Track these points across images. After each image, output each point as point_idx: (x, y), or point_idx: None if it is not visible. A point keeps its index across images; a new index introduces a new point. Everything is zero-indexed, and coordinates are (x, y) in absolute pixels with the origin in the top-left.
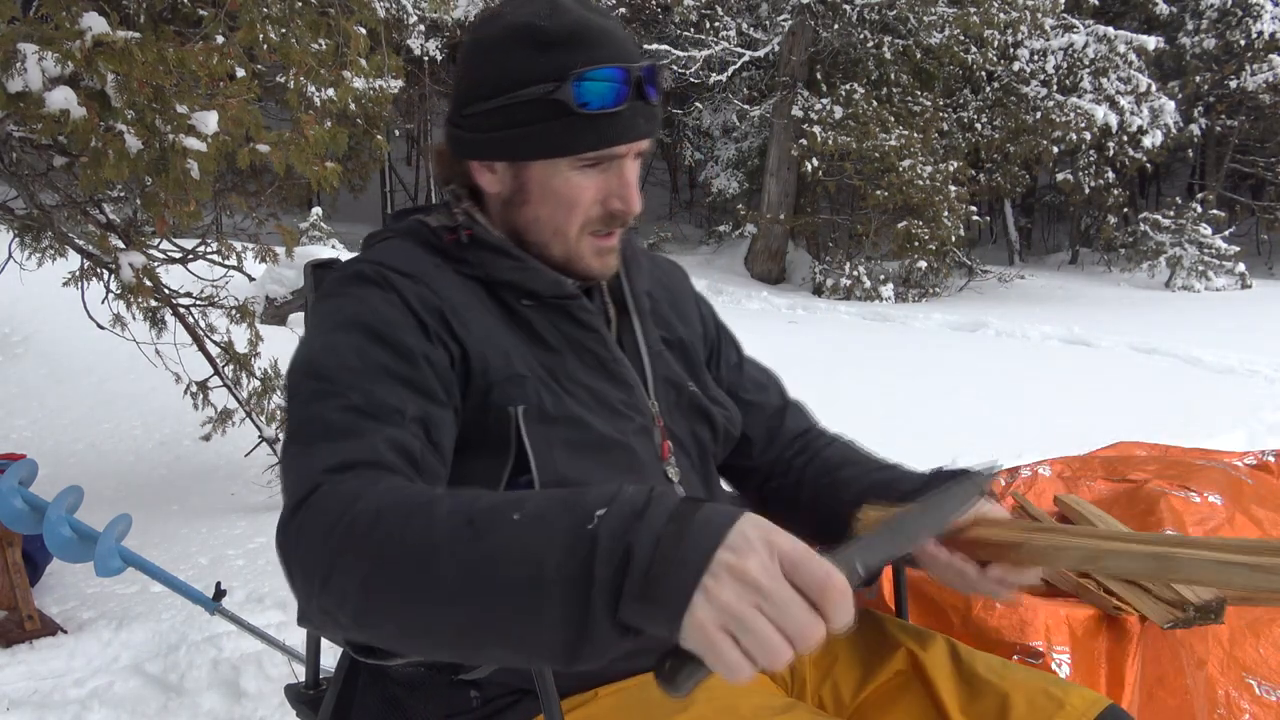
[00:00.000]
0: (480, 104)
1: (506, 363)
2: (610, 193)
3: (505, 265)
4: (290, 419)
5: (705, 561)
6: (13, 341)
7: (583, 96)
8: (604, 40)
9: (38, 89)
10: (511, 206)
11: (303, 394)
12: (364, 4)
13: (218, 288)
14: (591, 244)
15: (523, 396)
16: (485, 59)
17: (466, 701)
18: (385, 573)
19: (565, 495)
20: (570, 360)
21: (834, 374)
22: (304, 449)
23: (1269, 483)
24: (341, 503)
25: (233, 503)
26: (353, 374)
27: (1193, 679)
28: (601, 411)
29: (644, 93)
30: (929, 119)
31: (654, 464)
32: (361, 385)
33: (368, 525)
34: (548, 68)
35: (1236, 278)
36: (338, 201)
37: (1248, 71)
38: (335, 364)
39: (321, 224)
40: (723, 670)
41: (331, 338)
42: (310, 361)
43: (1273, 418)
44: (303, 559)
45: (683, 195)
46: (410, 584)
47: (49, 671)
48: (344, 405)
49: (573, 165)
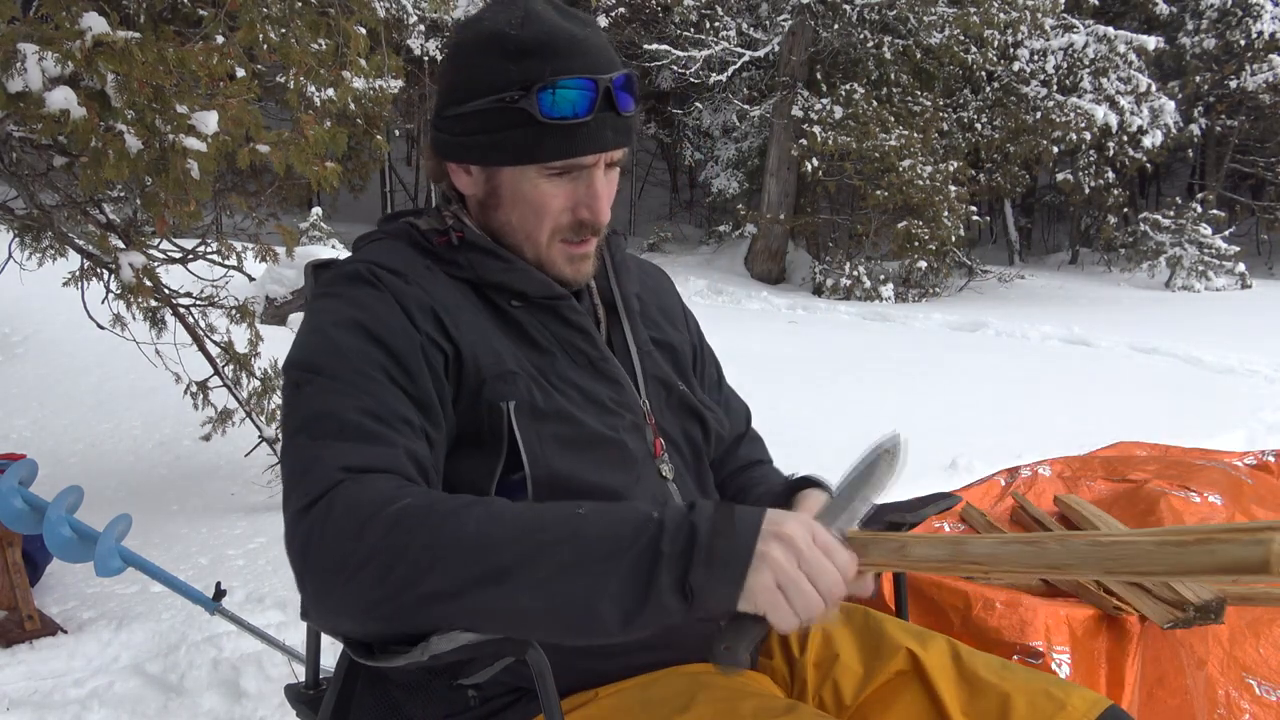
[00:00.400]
0: (456, 107)
1: (497, 360)
2: (579, 201)
3: (495, 267)
4: (293, 411)
5: (757, 530)
6: (13, 341)
7: (548, 107)
8: (574, 50)
9: (38, 89)
10: (486, 209)
11: (307, 389)
12: (364, 4)
13: (218, 288)
14: (563, 251)
15: (514, 392)
16: (461, 63)
17: (465, 701)
18: (444, 561)
19: (618, 504)
20: (560, 360)
21: (834, 374)
22: (316, 443)
23: (1269, 483)
24: (375, 501)
25: (233, 503)
26: (359, 376)
27: (1193, 679)
28: (591, 409)
29: (614, 103)
30: (929, 119)
31: (647, 461)
32: (371, 390)
33: (418, 518)
34: (516, 76)
35: (1236, 278)
36: (338, 201)
37: (1248, 71)
38: (339, 363)
39: (321, 224)
40: (780, 622)
41: (332, 335)
42: (313, 357)
43: (1273, 418)
44: (327, 552)
45: (683, 195)
46: (471, 572)
47: (49, 671)
48: (358, 408)
49: (540, 173)
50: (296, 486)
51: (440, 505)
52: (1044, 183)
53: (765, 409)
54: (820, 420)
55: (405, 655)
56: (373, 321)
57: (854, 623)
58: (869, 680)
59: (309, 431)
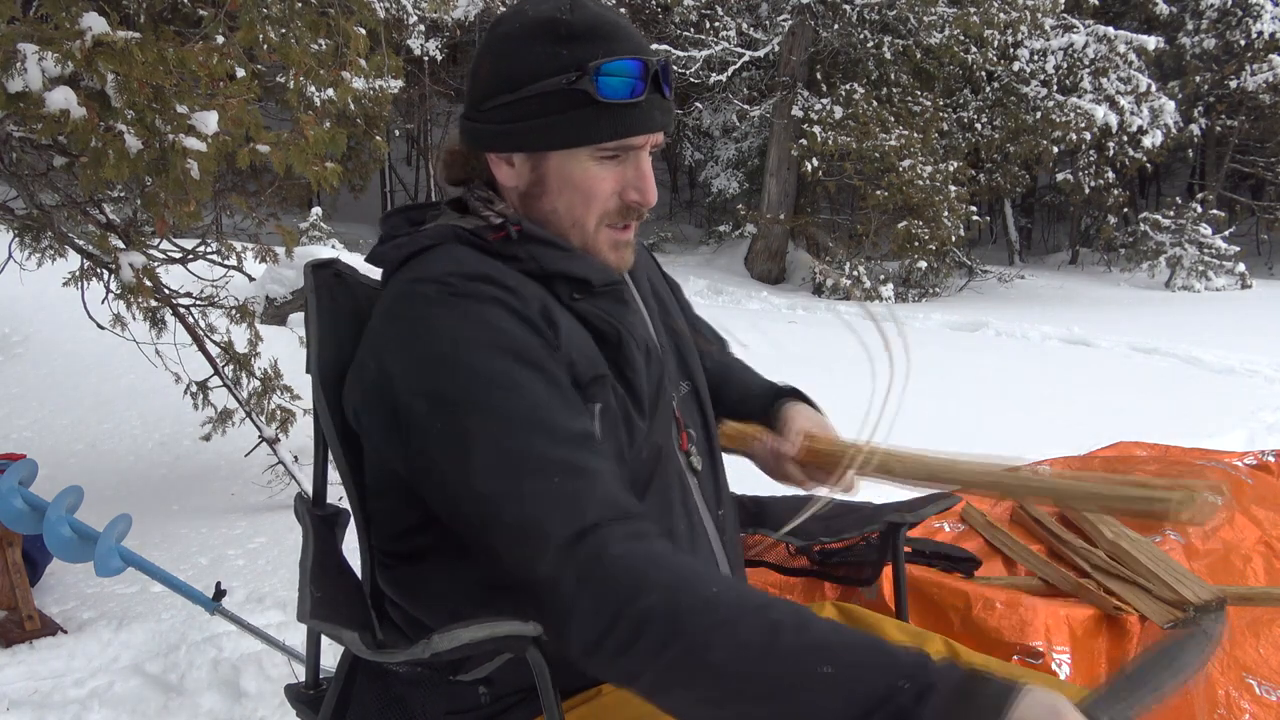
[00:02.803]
0: (502, 96)
1: (592, 364)
2: (627, 184)
3: (555, 256)
4: (478, 452)
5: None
6: (13, 341)
7: (604, 87)
8: (622, 35)
9: (38, 89)
10: (529, 199)
11: (477, 429)
12: (364, 4)
13: (218, 288)
14: (609, 236)
15: (602, 395)
16: (507, 53)
17: (472, 699)
18: (700, 682)
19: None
20: (628, 343)
21: (833, 374)
22: (535, 484)
23: (1269, 483)
24: (630, 576)
25: (233, 503)
26: (531, 406)
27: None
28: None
29: (660, 86)
30: (929, 119)
31: (671, 456)
32: (547, 418)
33: (667, 626)
34: (569, 59)
35: (1236, 278)
36: (338, 201)
37: (1248, 71)
38: (499, 395)
39: (321, 224)
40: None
41: (472, 362)
42: (464, 391)
43: (1273, 418)
44: (590, 610)
45: (683, 195)
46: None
47: (49, 671)
48: (553, 440)
49: (592, 156)
50: (533, 534)
51: (687, 616)
52: (1044, 183)
53: None
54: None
55: (407, 652)
56: (510, 343)
57: (853, 623)
58: None
59: (520, 473)
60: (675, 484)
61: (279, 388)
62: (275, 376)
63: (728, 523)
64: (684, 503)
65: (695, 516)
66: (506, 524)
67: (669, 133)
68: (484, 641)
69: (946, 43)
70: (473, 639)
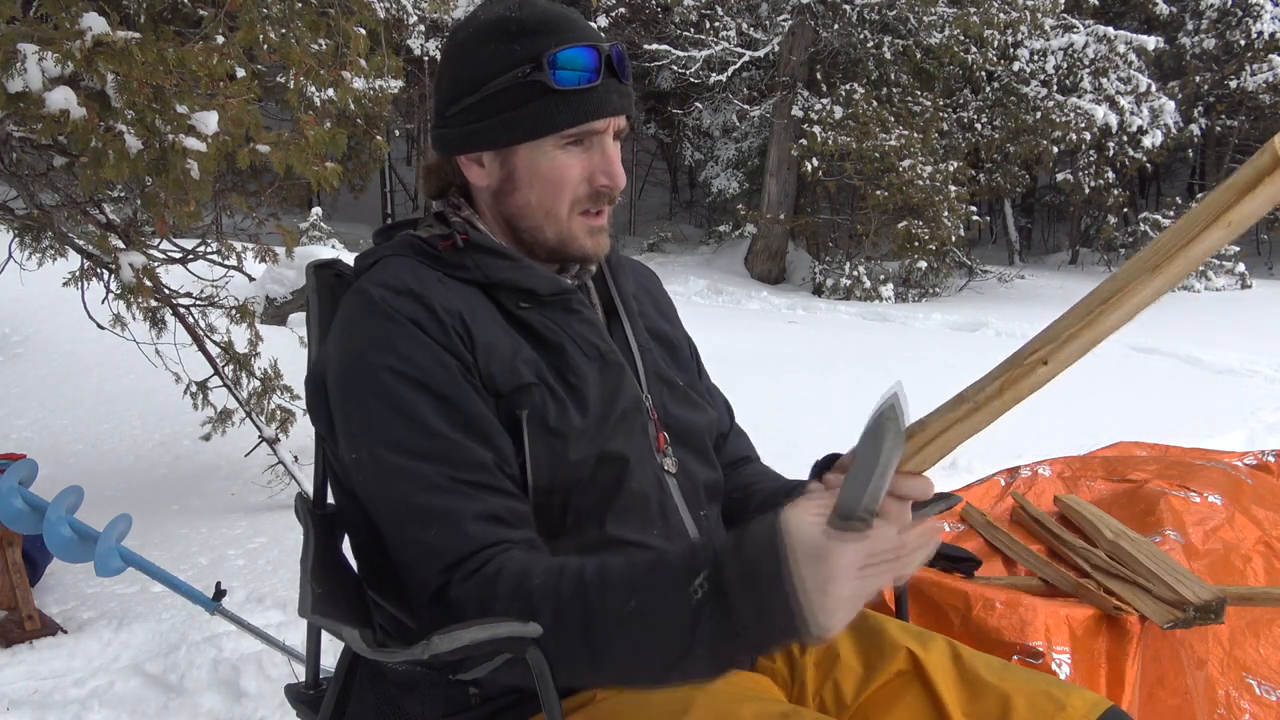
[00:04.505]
0: (464, 99)
1: (514, 374)
2: (594, 169)
3: (501, 266)
4: (374, 484)
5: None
6: (13, 341)
7: (558, 76)
8: (572, 24)
9: (38, 89)
10: (502, 195)
11: (373, 462)
12: (364, 4)
13: (218, 288)
14: (582, 223)
15: (529, 403)
16: (464, 58)
17: (466, 700)
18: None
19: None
20: (571, 351)
21: (834, 374)
22: (415, 533)
23: (1269, 483)
24: (477, 609)
25: (233, 503)
26: (427, 436)
27: (1193, 679)
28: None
29: (615, 70)
30: (929, 119)
31: (647, 456)
32: (438, 451)
33: (518, 645)
34: (523, 54)
35: (1236, 278)
36: (338, 201)
37: (1248, 71)
38: (395, 428)
39: (321, 224)
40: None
41: (376, 387)
42: (367, 415)
43: (1273, 418)
44: None
45: (683, 195)
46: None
47: (49, 671)
48: (437, 481)
49: (556, 145)
50: (414, 574)
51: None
52: (1044, 183)
53: (765, 409)
54: (821, 420)
55: (407, 652)
56: (415, 370)
57: (854, 623)
58: (869, 680)
59: (407, 516)
60: (652, 485)
61: (279, 388)
62: (275, 376)
63: (712, 522)
64: (661, 503)
65: (674, 518)
66: (398, 558)
67: (632, 117)
68: (484, 642)
69: (946, 43)
70: (473, 640)
